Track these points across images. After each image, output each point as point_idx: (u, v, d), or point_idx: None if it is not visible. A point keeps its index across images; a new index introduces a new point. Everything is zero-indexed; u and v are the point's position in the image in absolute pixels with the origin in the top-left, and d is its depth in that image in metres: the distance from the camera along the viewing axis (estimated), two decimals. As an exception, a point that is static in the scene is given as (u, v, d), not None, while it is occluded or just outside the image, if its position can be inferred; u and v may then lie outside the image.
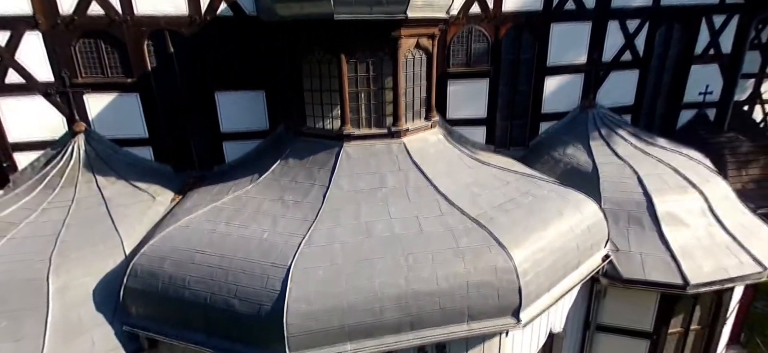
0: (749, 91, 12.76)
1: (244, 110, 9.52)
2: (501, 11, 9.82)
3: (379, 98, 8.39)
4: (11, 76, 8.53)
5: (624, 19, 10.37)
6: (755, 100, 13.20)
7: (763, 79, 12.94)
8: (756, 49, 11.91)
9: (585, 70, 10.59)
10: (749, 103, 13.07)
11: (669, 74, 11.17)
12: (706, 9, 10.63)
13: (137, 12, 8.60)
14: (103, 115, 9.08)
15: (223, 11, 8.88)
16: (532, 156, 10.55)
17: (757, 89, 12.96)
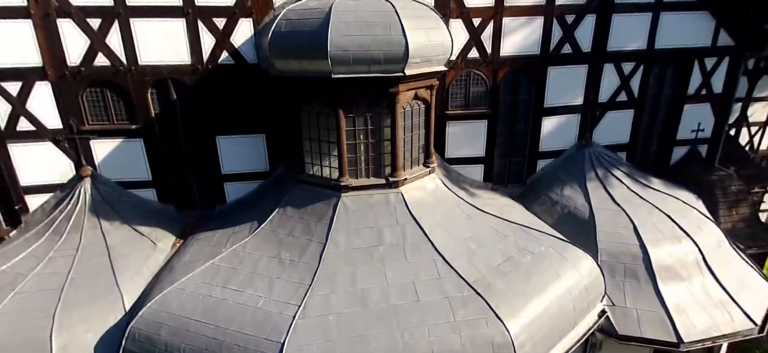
0: (736, 114, 11.91)
1: (244, 153, 8.72)
2: (499, 56, 8.89)
3: (378, 149, 7.55)
4: (22, 123, 7.87)
5: (619, 61, 9.40)
6: (742, 123, 12.41)
7: (749, 103, 12.06)
8: (743, 74, 10.91)
9: (581, 110, 9.66)
10: (736, 126, 12.23)
11: (663, 113, 10.21)
12: (699, 51, 9.64)
13: (141, 61, 7.80)
14: (109, 160, 8.33)
15: (225, 60, 8.04)
16: (530, 195, 9.67)
17: (743, 113, 12.19)
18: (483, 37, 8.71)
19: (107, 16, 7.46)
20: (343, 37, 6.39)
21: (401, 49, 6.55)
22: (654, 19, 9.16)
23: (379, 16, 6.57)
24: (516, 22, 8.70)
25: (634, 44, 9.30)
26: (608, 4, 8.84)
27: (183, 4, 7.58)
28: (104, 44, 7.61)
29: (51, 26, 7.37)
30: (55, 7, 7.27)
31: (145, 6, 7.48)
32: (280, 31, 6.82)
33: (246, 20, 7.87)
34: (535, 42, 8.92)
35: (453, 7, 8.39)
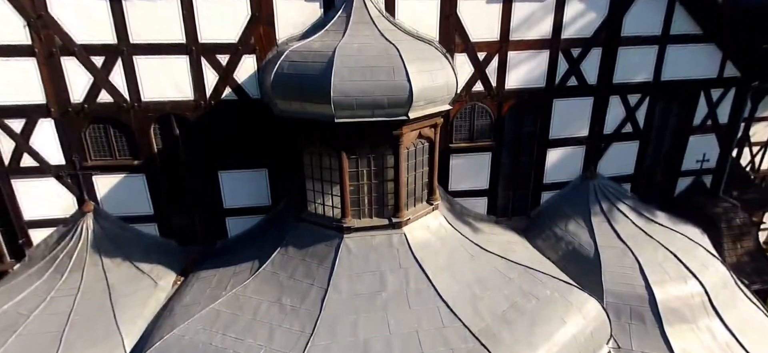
0: (738, 134, 11.61)
1: (246, 188, 8.64)
2: (504, 89, 8.78)
3: (381, 189, 7.46)
4: (26, 159, 7.85)
5: (625, 93, 9.27)
6: (744, 143, 12.21)
7: (751, 123, 11.88)
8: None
9: (586, 142, 9.53)
10: (738, 146, 11.95)
11: (668, 144, 10.06)
12: (705, 83, 9.51)
13: (144, 98, 7.74)
14: (111, 195, 8.28)
15: (228, 95, 7.97)
16: (534, 228, 9.54)
17: (745, 133, 11.96)
18: (488, 71, 8.60)
19: (111, 54, 7.41)
20: (347, 82, 6.30)
21: (405, 94, 6.46)
22: (660, 52, 9.03)
23: (383, 60, 6.47)
24: (521, 55, 8.59)
25: (641, 76, 9.17)
26: (615, 37, 8.71)
27: (186, 41, 7.51)
28: (107, 81, 7.55)
29: (55, 64, 7.32)
30: (59, 46, 7.23)
31: (148, 43, 7.42)
32: (282, 73, 6.74)
33: (249, 56, 7.79)
34: (541, 75, 8.80)
35: (458, 41, 8.28)
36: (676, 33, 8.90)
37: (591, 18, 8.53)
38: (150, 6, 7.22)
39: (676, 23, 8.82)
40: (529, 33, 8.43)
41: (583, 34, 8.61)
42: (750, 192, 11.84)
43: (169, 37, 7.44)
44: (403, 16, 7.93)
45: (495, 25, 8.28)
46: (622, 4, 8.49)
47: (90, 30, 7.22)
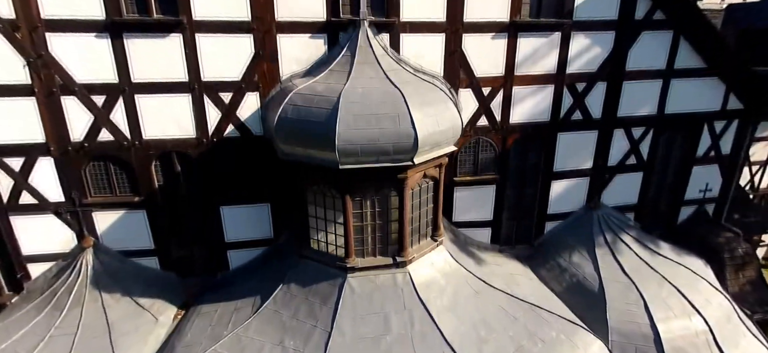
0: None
1: (248, 221, 8.59)
2: (509, 123, 8.76)
3: (385, 229, 7.42)
4: (25, 197, 7.76)
5: (629, 127, 9.28)
6: (743, 163, 12.13)
7: (751, 143, 11.88)
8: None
9: (591, 173, 9.52)
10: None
11: (671, 175, 10.08)
12: (709, 116, 9.54)
13: (146, 136, 7.67)
14: (111, 230, 8.20)
15: (230, 132, 7.91)
16: (538, 257, 9.52)
17: (745, 152, 11.89)
18: (492, 106, 8.58)
19: (112, 93, 7.33)
20: (352, 129, 6.26)
21: (410, 141, 6.43)
22: (665, 86, 9.03)
23: (388, 106, 6.43)
24: (526, 90, 8.57)
25: (645, 110, 9.17)
26: (619, 72, 8.71)
27: (189, 80, 7.44)
28: (108, 120, 7.48)
29: (54, 104, 7.24)
30: (59, 85, 7.15)
31: (150, 82, 7.35)
32: (286, 117, 6.69)
33: (252, 94, 7.73)
34: (546, 109, 8.79)
35: (462, 76, 8.25)
36: (681, 67, 8.91)
37: (596, 53, 8.52)
38: (152, 45, 7.15)
39: (680, 57, 8.83)
40: (534, 68, 8.42)
41: (588, 68, 8.60)
42: (750, 215, 11.93)
43: (172, 75, 7.37)
44: (408, 52, 7.90)
45: (500, 60, 8.26)
46: (627, 39, 8.49)
47: (91, 69, 7.15)
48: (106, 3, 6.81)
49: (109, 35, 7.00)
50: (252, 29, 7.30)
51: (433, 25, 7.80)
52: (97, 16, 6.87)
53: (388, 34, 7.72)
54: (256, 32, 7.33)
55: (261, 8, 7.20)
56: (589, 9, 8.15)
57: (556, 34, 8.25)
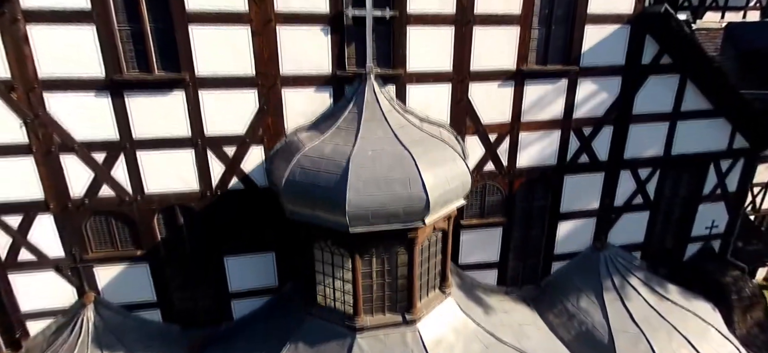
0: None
1: (253, 271, 8.40)
2: (515, 168, 8.65)
3: (394, 286, 7.29)
4: (23, 254, 7.52)
5: (636, 168, 9.20)
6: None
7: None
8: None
9: (597, 214, 9.43)
10: None
11: (678, 213, 10.01)
12: (715, 155, 9.47)
13: (148, 191, 7.48)
14: (113, 284, 7.99)
15: (235, 185, 7.73)
16: (545, 299, 9.42)
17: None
18: (499, 151, 8.46)
19: (113, 150, 7.13)
20: (362, 195, 6.12)
21: (422, 204, 6.30)
22: (671, 127, 8.96)
23: (398, 170, 6.29)
24: (533, 135, 8.46)
25: (651, 151, 9.09)
26: (626, 116, 8.62)
27: (192, 135, 7.25)
28: (109, 176, 7.27)
29: (53, 161, 7.02)
30: (57, 143, 6.93)
31: (152, 138, 7.16)
32: (294, 180, 6.54)
33: (257, 147, 7.55)
34: (552, 153, 8.68)
35: (469, 124, 8.12)
36: (687, 109, 8.83)
37: (603, 98, 8.42)
38: (154, 102, 6.96)
39: (687, 100, 8.75)
40: (541, 114, 8.31)
41: (595, 113, 8.50)
42: (754, 243, 11.88)
43: (174, 131, 7.18)
44: (415, 102, 7.75)
45: (507, 107, 8.14)
46: (634, 84, 8.40)
47: (91, 127, 6.94)
48: (106, 62, 6.61)
49: (109, 93, 6.80)
50: (256, 84, 7.12)
51: (440, 75, 7.66)
52: (96, 75, 6.66)
53: (394, 85, 7.58)
54: (260, 87, 7.15)
55: (266, 64, 7.03)
56: (596, 55, 8.05)
57: (562, 81, 8.14)
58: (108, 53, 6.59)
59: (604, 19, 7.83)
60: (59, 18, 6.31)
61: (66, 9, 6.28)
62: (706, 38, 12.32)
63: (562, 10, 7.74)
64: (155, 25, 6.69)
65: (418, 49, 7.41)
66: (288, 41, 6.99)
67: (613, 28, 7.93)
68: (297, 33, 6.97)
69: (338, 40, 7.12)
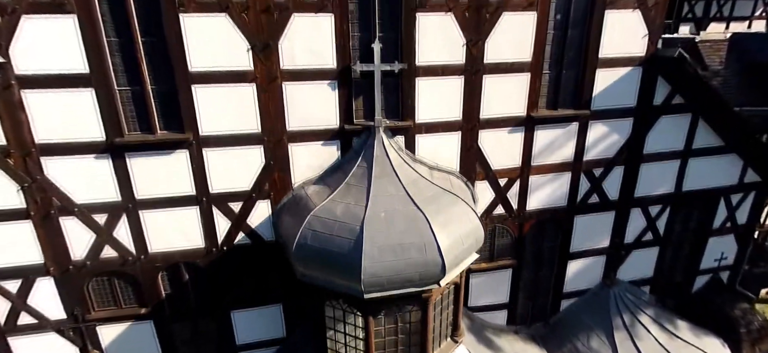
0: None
1: (260, 324, 8.17)
2: (525, 211, 8.43)
3: (407, 342, 7.02)
4: (23, 317, 7.23)
5: (646, 205, 9.01)
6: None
7: None
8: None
9: (607, 251, 9.23)
10: None
11: (687, 248, 9.85)
12: (726, 190, 9.29)
13: (151, 250, 7.19)
14: (117, 343, 7.72)
15: (241, 240, 7.46)
16: (554, 338, 9.24)
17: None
18: (509, 195, 8.23)
19: (115, 211, 6.83)
20: (377, 263, 5.87)
21: (437, 268, 6.06)
22: (682, 165, 8.77)
23: (414, 234, 6.04)
24: (543, 178, 8.23)
25: (662, 189, 8.91)
26: (637, 156, 8.41)
27: (196, 193, 6.96)
28: (112, 237, 6.97)
29: (52, 225, 6.71)
30: (57, 207, 6.62)
31: (155, 199, 6.86)
32: (306, 243, 6.26)
33: (263, 202, 7.28)
34: (563, 195, 8.46)
35: (479, 170, 7.88)
36: (698, 146, 8.65)
37: (614, 139, 8.21)
38: (157, 162, 6.67)
39: (698, 137, 8.56)
40: (552, 157, 8.08)
41: (606, 155, 8.29)
42: (761, 265, 11.75)
43: (178, 190, 6.89)
44: (424, 151, 7.50)
45: (517, 152, 7.90)
46: (645, 124, 8.19)
47: (91, 189, 6.64)
48: (106, 124, 6.30)
49: (109, 155, 6.50)
50: (262, 140, 6.84)
51: (450, 124, 7.41)
52: (96, 138, 6.35)
53: (403, 135, 7.32)
54: (266, 143, 6.87)
55: (272, 120, 6.74)
56: (608, 98, 7.83)
57: (573, 125, 7.91)
58: (108, 116, 6.28)
59: (616, 62, 7.60)
60: (55, 83, 5.98)
61: (62, 74, 5.96)
62: (711, 50, 12.01)
63: (572, 54, 7.50)
64: (157, 87, 6.39)
65: (427, 99, 7.15)
66: (294, 97, 6.71)
67: (625, 71, 7.71)
68: (304, 89, 6.69)
69: (346, 93, 6.85)
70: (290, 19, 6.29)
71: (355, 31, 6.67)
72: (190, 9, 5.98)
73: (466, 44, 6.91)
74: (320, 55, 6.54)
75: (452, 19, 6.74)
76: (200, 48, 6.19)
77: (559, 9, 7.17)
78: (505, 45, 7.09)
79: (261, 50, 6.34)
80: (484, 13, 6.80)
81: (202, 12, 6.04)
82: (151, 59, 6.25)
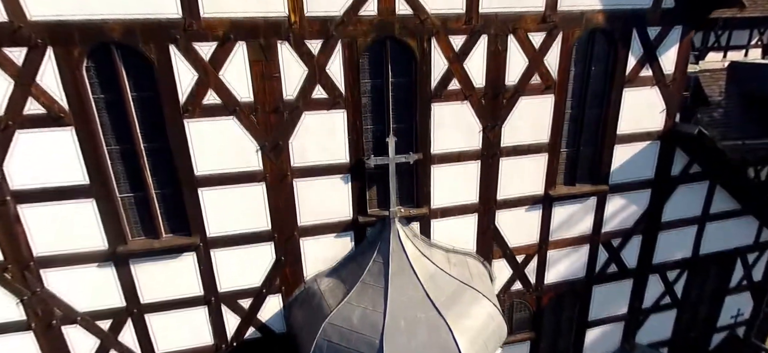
0: None
1: (276, 413, 7.56)
2: (543, 284, 7.92)
3: None
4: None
5: (664, 271, 8.51)
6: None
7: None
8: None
9: (625, 317, 8.73)
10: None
11: (705, 308, 9.36)
12: (742, 250, 8.83)
13: (158, 351, 6.62)
14: None
15: (251, 335, 6.91)
16: (573, 408, 8.70)
17: None
18: (527, 271, 7.72)
19: (120, 316, 6.28)
20: (399, 381, 5.34)
21: (462, 382, 5.53)
22: (699, 230, 8.30)
23: (435, 346, 5.53)
24: (561, 252, 7.73)
25: (680, 254, 8.43)
26: (655, 225, 7.94)
27: (204, 293, 6.43)
28: (117, 342, 6.41)
29: (55, 335, 6.15)
30: (59, 317, 6.06)
31: (162, 301, 6.32)
32: (321, 354, 5.73)
33: (274, 296, 6.75)
34: (581, 267, 7.96)
35: (496, 249, 7.38)
36: (716, 211, 8.19)
37: (632, 210, 7.72)
38: (162, 266, 6.13)
39: (716, 202, 8.11)
40: (570, 232, 7.58)
41: (624, 225, 7.80)
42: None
43: (185, 292, 6.35)
44: (440, 235, 6.99)
45: (534, 230, 7.40)
46: (663, 195, 7.72)
47: (94, 298, 6.09)
48: (108, 233, 5.77)
49: (113, 263, 5.97)
50: (272, 237, 6.32)
51: (466, 208, 6.91)
52: (98, 248, 5.82)
53: (418, 222, 6.83)
54: (277, 240, 6.35)
55: (282, 217, 6.23)
56: (626, 172, 7.35)
57: (591, 199, 7.44)
58: (110, 224, 5.74)
59: (634, 138, 7.12)
60: (54, 196, 5.44)
61: (61, 187, 5.43)
62: (710, 80, 11.58)
63: (590, 133, 7.04)
64: (161, 191, 5.88)
65: (443, 185, 6.64)
66: (306, 193, 6.19)
67: (643, 145, 7.24)
68: (315, 184, 6.18)
69: (359, 186, 6.34)
70: (301, 118, 5.80)
71: (368, 123, 6.17)
72: (195, 114, 5.48)
73: (483, 130, 6.45)
74: (332, 151, 6.04)
75: (468, 106, 6.26)
76: (206, 152, 5.67)
77: (576, 90, 6.72)
78: (523, 128, 6.61)
79: (270, 150, 5.84)
80: (501, 99, 6.34)
81: (208, 116, 5.53)
82: (155, 165, 5.73)
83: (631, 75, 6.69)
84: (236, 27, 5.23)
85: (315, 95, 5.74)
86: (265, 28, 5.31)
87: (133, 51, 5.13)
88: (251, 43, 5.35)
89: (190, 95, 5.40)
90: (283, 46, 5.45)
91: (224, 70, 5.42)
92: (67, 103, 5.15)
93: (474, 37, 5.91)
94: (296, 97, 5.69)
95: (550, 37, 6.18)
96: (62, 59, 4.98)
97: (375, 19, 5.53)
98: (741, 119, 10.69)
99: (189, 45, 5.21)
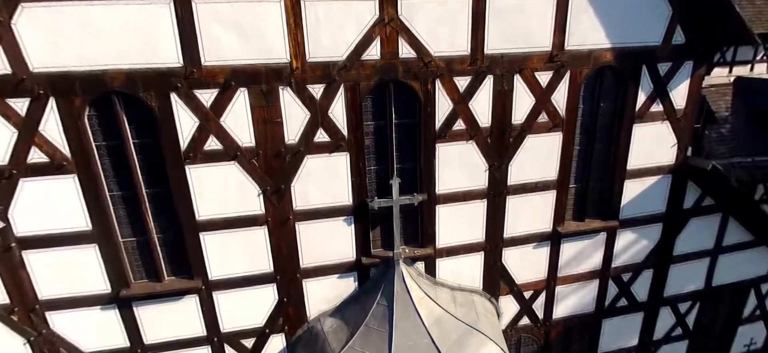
0: None
1: None
2: (551, 319, 7.66)
3: None
4: None
5: (676, 303, 8.20)
6: None
7: None
8: None
9: (636, 350, 8.43)
10: None
11: (717, 339, 9.01)
12: (756, 281, 8.47)
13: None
14: None
15: (257, 380, 6.75)
16: None
17: None
18: (535, 306, 7.48)
19: (122, 359, 6.20)
20: None
21: None
22: (712, 262, 7.98)
23: (441, 398, 5.32)
24: (569, 288, 7.47)
25: (692, 286, 8.11)
26: (667, 258, 7.64)
27: (207, 334, 6.30)
28: (120, 381, 6.33)
29: (58, 379, 6.08)
30: (61, 364, 5.99)
31: (165, 342, 6.20)
32: (323, 402, 5.56)
33: (277, 336, 6.59)
34: (590, 301, 7.69)
35: (503, 286, 7.15)
36: (728, 243, 7.86)
37: (643, 245, 7.44)
38: (165, 308, 6.01)
39: (728, 235, 7.79)
40: (579, 267, 7.33)
41: (635, 260, 7.52)
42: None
43: (188, 332, 6.23)
44: (445, 274, 6.78)
45: (542, 266, 7.16)
46: (674, 229, 7.43)
47: (99, 338, 6.00)
48: (111, 277, 5.67)
49: (116, 306, 5.87)
50: (275, 279, 6.17)
51: (472, 246, 6.70)
52: (101, 291, 5.72)
53: (423, 261, 6.63)
54: (279, 281, 6.19)
55: (284, 260, 6.07)
56: (636, 207, 7.07)
57: (601, 235, 7.17)
58: (112, 268, 5.64)
59: (644, 172, 6.85)
60: (57, 242, 5.36)
61: (64, 233, 5.35)
62: (717, 95, 11.23)
63: (599, 169, 6.79)
64: (163, 236, 5.77)
65: (448, 225, 6.44)
66: (308, 235, 6.03)
67: (654, 180, 6.96)
68: (318, 227, 6.01)
69: (362, 227, 6.16)
70: (303, 161, 5.64)
71: (371, 164, 6.00)
72: (196, 160, 5.35)
73: (489, 169, 6.23)
74: (335, 193, 5.87)
75: (474, 146, 6.05)
76: (208, 196, 5.54)
77: (585, 127, 6.48)
78: (530, 166, 6.38)
79: (272, 194, 5.69)
80: (508, 138, 6.12)
81: (209, 162, 5.40)
82: (157, 209, 5.62)
83: (641, 110, 6.43)
84: (237, 74, 5.09)
85: (317, 139, 5.58)
86: (267, 74, 5.16)
87: (135, 99, 5.03)
88: (252, 89, 5.22)
89: (192, 141, 5.27)
90: (285, 91, 5.31)
91: (225, 116, 5.29)
92: (69, 151, 5.06)
93: (479, 77, 5.71)
94: (298, 141, 5.53)
95: (558, 75, 5.95)
96: (64, 109, 4.89)
97: (378, 62, 5.36)
98: (748, 135, 10.32)
99: (190, 92, 5.08)
